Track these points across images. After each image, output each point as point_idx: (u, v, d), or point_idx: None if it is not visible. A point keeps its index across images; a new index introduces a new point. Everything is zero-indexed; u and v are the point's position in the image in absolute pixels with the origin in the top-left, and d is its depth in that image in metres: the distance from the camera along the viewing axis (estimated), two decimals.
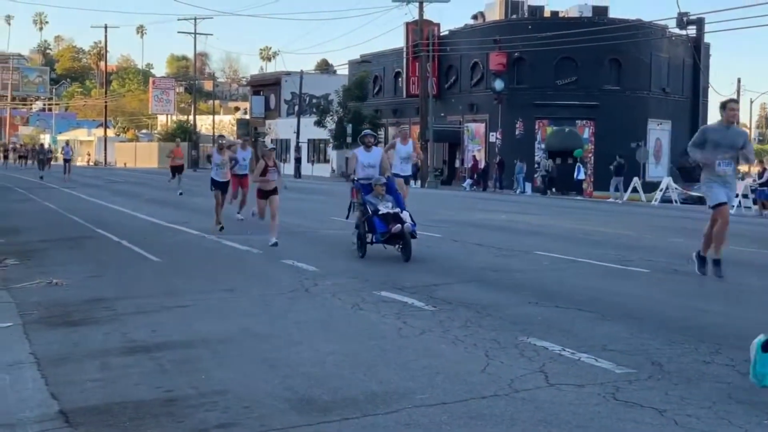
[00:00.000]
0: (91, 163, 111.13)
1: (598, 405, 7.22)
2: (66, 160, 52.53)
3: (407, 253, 16.05)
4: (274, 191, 19.11)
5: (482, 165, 59.27)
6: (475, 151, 62.54)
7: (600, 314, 11.11)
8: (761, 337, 7.33)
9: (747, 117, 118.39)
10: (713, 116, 61.03)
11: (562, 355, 8.84)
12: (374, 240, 16.56)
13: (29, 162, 78.16)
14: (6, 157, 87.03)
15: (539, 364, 8.44)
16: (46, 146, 75.17)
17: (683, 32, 57.54)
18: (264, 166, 19.09)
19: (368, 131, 19.16)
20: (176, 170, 39.76)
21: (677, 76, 62.79)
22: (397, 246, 16.37)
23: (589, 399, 7.37)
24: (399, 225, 16.05)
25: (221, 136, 24.88)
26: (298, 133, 76.66)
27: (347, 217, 17.95)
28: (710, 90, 67.03)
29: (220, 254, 17.64)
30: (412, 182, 25.46)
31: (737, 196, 38.55)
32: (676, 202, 44.64)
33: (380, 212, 16.43)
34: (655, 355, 8.83)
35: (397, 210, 16.62)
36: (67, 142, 59.68)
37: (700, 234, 15.11)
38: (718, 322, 10.74)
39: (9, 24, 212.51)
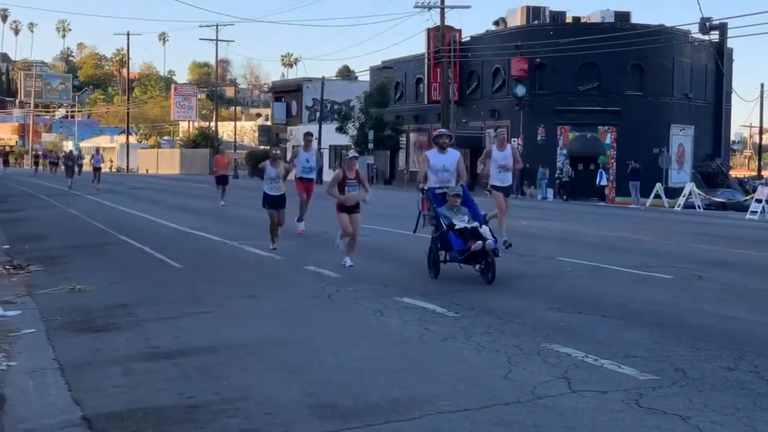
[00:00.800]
0: (113, 170, 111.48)
1: (622, 412, 7.19)
2: (96, 169, 50.13)
3: (490, 275, 14.07)
4: (356, 207, 16.46)
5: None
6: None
7: (623, 320, 11.07)
8: None
9: None
10: (736, 122, 60.87)
11: (585, 361, 8.81)
12: (449, 258, 14.66)
13: (60, 169, 77.28)
14: (37, 164, 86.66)
15: (562, 371, 8.40)
16: (75, 152, 72.78)
17: (706, 37, 57.33)
18: (341, 178, 16.31)
19: (443, 130, 16.94)
20: (221, 181, 36.28)
21: (700, 82, 62.49)
22: (477, 266, 14.38)
23: (612, 406, 7.34)
24: (480, 242, 13.94)
25: (274, 147, 22.95)
26: (319, 139, 76.60)
27: (414, 231, 15.88)
28: (733, 95, 66.69)
29: (241, 260, 17.66)
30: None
31: (760, 201, 38.37)
32: (699, 207, 44.42)
33: (456, 227, 14.38)
34: (679, 362, 8.79)
35: (476, 224, 14.53)
36: (98, 150, 56.72)
37: (723, 240, 15.02)
38: (742, 329, 10.68)
39: (32, 31, 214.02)
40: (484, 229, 14.47)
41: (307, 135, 23.99)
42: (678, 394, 7.69)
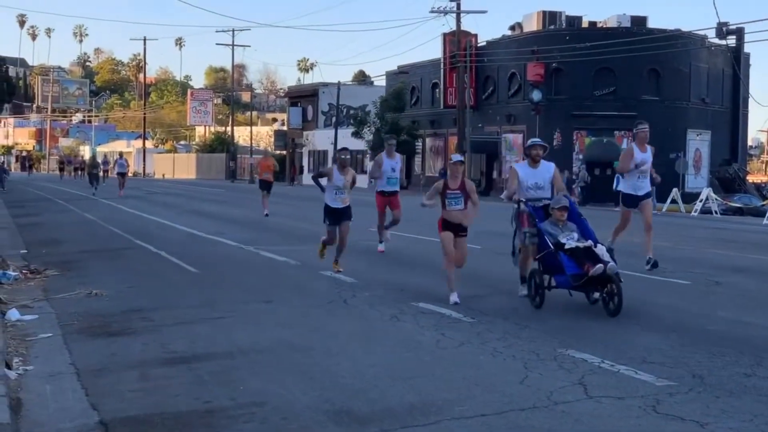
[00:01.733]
0: (130, 174, 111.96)
1: (639, 418, 7.17)
2: (121, 174, 48.38)
3: (614, 305, 11.65)
4: (462, 228, 12.96)
5: None
6: (512, 162, 62.36)
7: (639, 326, 11.03)
8: None
9: None
10: (753, 126, 60.67)
11: (602, 367, 8.78)
12: (556, 284, 12.30)
13: (82, 174, 75.56)
14: (62, 170, 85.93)
15: (578, 376, 8.39)
16: (100, 159, 69.49)
17: (723, 42, 57.12)
18: (442, 188, 12.89)
19: (537, 140, 14.09)
20: (266, 186, 32.57)
21: (717, 87, 62.32)
22: (597, 294, 12.15)
23: (629, 412, 7.32)
24: (600, 265, 11.62)
25: (344, 149, 17.24)
26: (335, 144, 76.62)
27: (514, 254, 13.62)
28: (750, 100, 66.51)
29: (257, 265, 17.67)
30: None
31: None
32: (715, 213, 44.25)
33: (566, 246, 12.13)
34: (696, 368, 8.76)
35: (589, 243, 12.29)
36: (121, 154, 53.17)
37: (740, 245, 14.96)
38: (759, 335, 10.64)
39: (49, 37, 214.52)
40: (600, 249, 12.21)
41: (390, 139, 20.63)
42: (695, 400, 7.67)
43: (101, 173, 59.06)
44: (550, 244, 12.19)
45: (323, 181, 16.64)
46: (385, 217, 19.54)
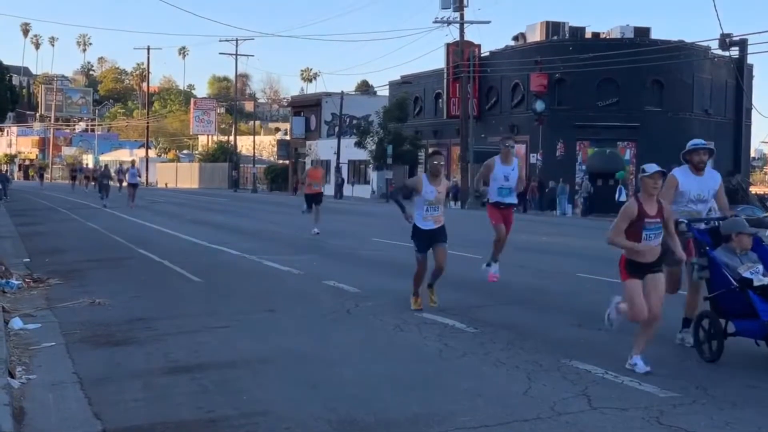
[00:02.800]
0: (116, 183, 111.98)
1: (642, 429, 7.16)
2: (133, 185, 44.12)
3: None
4: (657, 264, 9.48)
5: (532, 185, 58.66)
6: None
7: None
8: None
9: None
10: (756, 138, 60.64)
11: (605, 378, 8.77)
12: (742, 331, 9.63)
13: (95, 183, 73.33)
14: (74, 178, 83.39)
15: (582, 387, 8.38)
16: (114, 167, 66.93)
17: (726, 53, 57.07)
18: (635, 215, 9.37)
19: (699, 141, 11.40)
20: (313, 199, 28.34)
21: (720, 98, 62.35)
22: None
23: (632, 423, 7.31)
24: None
25: (437, 153, 13.83)
26: (338, 154, 76.79)
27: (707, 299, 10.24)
28: (753, 111, 66.52)
29: (260, 275, 17.66)
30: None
31: None
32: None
33: (755, 284, 9.47)
34: (700, 379, 8.75)
35: None
36: (133, 163, 48.34)
37: None
38: (762, 347, 10.61)
39: (53, 46, 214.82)
40: None
41: (506, 140, 15.85)
42: (699, 411, 7.65)
43: (117, 183, 56.36)
44: (732, 280, 9.59)
45: (405, 200, 13.47)
46: (501, 231, 15.39)
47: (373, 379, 8.82)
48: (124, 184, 50.75)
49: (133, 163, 48.88)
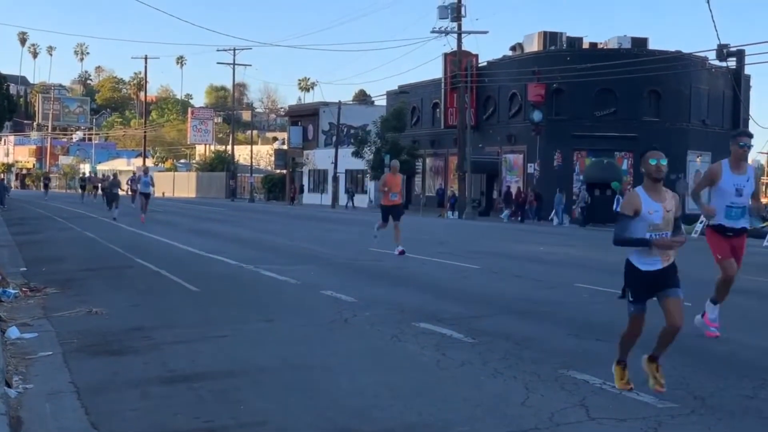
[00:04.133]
0: (129, 193, 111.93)
1: None
2: (145, 195, 40.52)
3: None
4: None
5: (530, 196, 58.69)
6: (512, 183, 62.41)
7: (641, 347, 10.99)
8: None
9: None
10: (754, 148, 60.56)
11: (603, 388, 8.76)
12: None
13: (95, 192, 71.68)
14: (84, 188, 79.90)
15: (580, 398, 8.37)
16: (127, 176, 62.23)
17: (723, 64, 57.17)
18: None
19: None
20: (391, 212, 24.33)
21: (717, 108, 62.45)
22: None
23: None
24: None
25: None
26: (335, 163, 76.87)
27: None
28: (750, 122, 66.60)
29: (258, 284, 17.64)
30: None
31: None
32: None
33: None
34: (698, 390, 8.74)
35: None
36: (146, 171, 43.85)
37: (741, 267, 14.92)
38: (761, 357, 10.62)
39: (50, 55, 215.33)
40: None
41: (741, 137, 11.57)
42: (697, 422, 7.65)
43: (130, 193, 52.42)
44: None
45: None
46: (730, 269, 11.68)
47: (371, 388, 8.81)
48: (134, 191, 47.49)
49: (146, 170, 44.82)
